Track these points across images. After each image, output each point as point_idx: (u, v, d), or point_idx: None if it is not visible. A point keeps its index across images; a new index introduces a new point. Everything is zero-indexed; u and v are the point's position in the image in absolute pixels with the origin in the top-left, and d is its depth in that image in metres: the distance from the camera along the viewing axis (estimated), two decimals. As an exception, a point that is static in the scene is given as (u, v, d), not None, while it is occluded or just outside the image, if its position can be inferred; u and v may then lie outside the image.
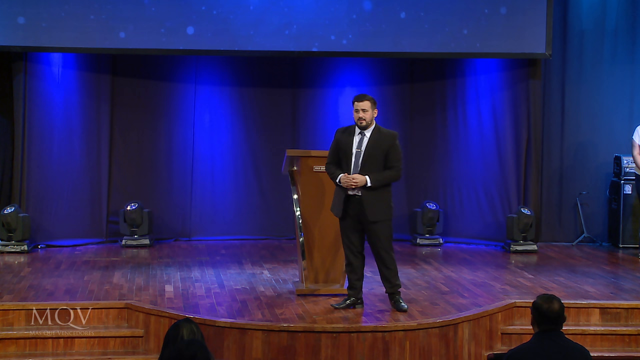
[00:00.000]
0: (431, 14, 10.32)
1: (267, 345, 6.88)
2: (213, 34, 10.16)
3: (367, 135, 7.34)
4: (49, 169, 10.52)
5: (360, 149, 7.31)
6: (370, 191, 7.25)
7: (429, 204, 10.84)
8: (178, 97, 11.06)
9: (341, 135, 7.43)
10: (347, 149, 7.34)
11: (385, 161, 7.29)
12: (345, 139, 7.38)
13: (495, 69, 10.96)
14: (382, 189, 7.30)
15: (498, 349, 7.43)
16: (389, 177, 7.31)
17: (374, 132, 7.35)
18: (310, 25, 10.26)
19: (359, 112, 7.33)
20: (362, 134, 7.35)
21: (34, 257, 9.77)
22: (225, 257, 10.00)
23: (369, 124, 7.36)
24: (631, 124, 10.65)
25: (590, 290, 8.34)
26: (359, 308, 7.49)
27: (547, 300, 5.05)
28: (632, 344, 7.62)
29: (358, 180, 7.22)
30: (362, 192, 7.26)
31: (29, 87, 10.34)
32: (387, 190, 7.35)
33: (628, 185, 10.72)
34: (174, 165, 11.09)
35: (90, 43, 10.06)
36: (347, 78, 11.21)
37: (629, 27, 11.08)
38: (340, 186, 7.33)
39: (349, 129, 7.44)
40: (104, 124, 10.81)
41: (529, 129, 10.80)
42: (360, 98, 7.38)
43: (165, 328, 6.97)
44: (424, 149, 11.29)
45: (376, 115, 7.41)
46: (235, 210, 11.18)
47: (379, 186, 7.27)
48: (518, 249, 10.42)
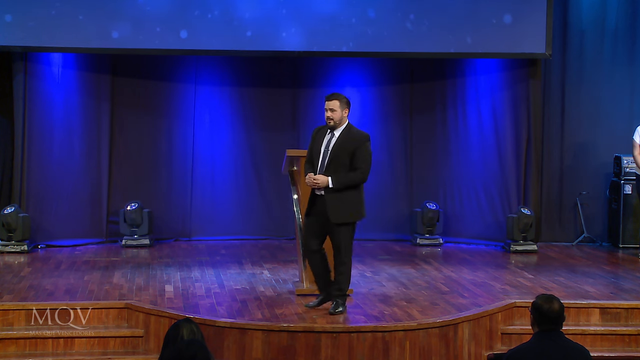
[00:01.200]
0: (432, 17, 10.32)
1: (267, 345, 6.88)
2: (213, 34, 10.16)
3: (335, 135, 7.24)
4: (49, 169, 10.52)
5: (327, 148, 7.22)
6: (333, 192, 7.14)
7: (429, 204, 10.84)
8: (178, 97, 11.06)
9: (315, 133, 7.37)
10: (317, 148, 7.28)
11: (351, 162, 7.17)
12: (318, 138, 7.32)
13: (495, 69, 10.96)
14: (347, 191, 7.14)
15: (498, 349, 7.43)
16: (353, 179, 7.14)
17: (344, 133, 7.24)
18: (310, 25, 10.26)
19: (327, 111, 7.24)
20: (332, 134, 7.26)
21: (34, 257, 9.78)
22: (225, 257, 10.00)
23: (338, 124, 7.23)
24: (631, 124, 10.64)
25: (590, 290, 8.34)
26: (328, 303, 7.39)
27: (547, 300, 5.05)
28: (632, 344, 7.62)
29: (320, 181, 7.12)
30: (326, 193, 7.17)
31: (29, 87, 10.34)
32: (354, 193, 7.18)
33: (628, 185, 10.72)
34: (174, 165, 11.09)
35: (88, 43, 10.07)
36: (347, 78, 11.21)
37: (629, 27, 11.08)
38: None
39: (323, 128, 7.34)
40: (104, 124, 10.81)
41: (529, 129, 10.80)
42: (329, 97, 7.28)
43: (165, 328, 6.97)
44: (424, 149, 11.29)
45: (347, 114, 7.26)
46: (235, 210, 11.18)
47: (342, 188, 7.12)
48: (518, 249, 10.42)
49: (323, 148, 7.25)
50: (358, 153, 7.15)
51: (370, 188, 10.69)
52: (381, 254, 10.22)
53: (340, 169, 7.15)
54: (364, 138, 7.23)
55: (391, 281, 8.70)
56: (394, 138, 11.28)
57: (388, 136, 11.27)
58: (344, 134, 7.23)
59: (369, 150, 7.21)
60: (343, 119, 7.26)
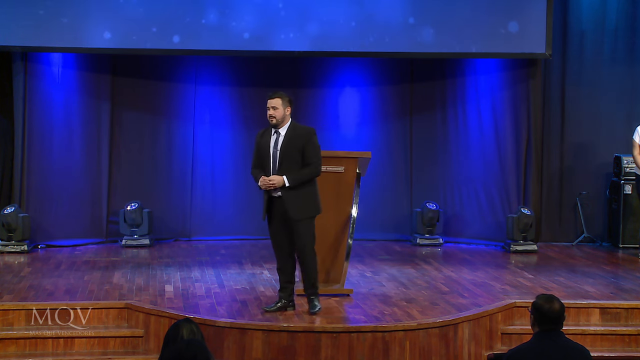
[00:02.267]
0: (432, 17, 10.32)
1: (267, 345, 6.88)
2: (213, 34, 10.17)
3: (282, 134, 7.21)
4: (49, 169, 10.52)
5: (276, 148, 7.19)
6: (290, 190, 7.14)
7: (429, 204, 10.84)
8: (178, 97, 11.06)
9: (260, 137, 7.30)
10: (265, 150, 7.23)
11: (303, 158, 7.16)
12: (264, 140, 7.26)
13: (495, 69, 10.96)
14: (303, 186, 7.16)
15: (498, 349, 7.43)
16: (308, 174, 7.15)
17: (289, 130, 7.21)
18: (311, 26, 10.26)
19: (269, 109, 7.19)
20: (277, 133, 7.22)
21: (34, 257, 9.77)
22: (225, 257, 10.00)
23: (281, 122, 7.20)
24: (631, 124, 10.64)
25: (590, 290, 8.34)
26: (290, 310, 7.36)
27: (547, 300, 5.05)
28: (632, 344, 7.62)
29: (275, 181, 7.11)
30: (283, 192, 7.16)
31: (29, 87, 10.35)
32: (309, 188, 7.21)
33: (628, 185, 10.71)
34: (174, 165, 11.09)
35: (88, 43, 10.08)
36: (347, 78, 11.21)
37: (629, 27, 11.08)
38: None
39: (267, 130, 7.30)
40: (104, 124, 10.81)
41: (529, 129, 10.80)
42: (270, 96, 7.23)
43: (165, 328, 6.97)
44: (424, 149, 11.29)
45: (289, 112, 7.22)
46: (235, 210, 11.18)
47: (298, 184, 7.13)
48: (518, 249, 10.42)
49: (272, 149, 7.20)
50: (307, 148, 7.15)
51: (371, 188, 10.74)
52: (381, 254, 10.22)
53: (292, 166, 7.14)
54: (310, 132, 7.22)
55: (391, 281, 8.70)
56: (394, 138, 11.28)
57: (388, 136, 11.27)
58: (290, 132, 7.20)
59: (317, 144, 7.21)
60: (286, 117, 7.22)
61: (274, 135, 7.23)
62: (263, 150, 7.25)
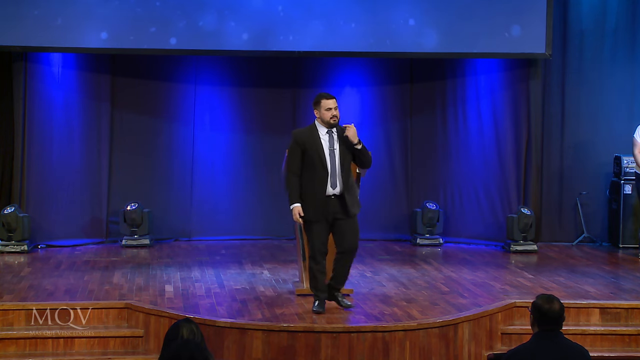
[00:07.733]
0: (432, 17, 10.32)
1: (267, 345, 6.88)
2: (212, 34, 10.17)
3: (335, 133, 7.28)
4: (49, 169, 10.52)
5: (334, 147, 7.22)
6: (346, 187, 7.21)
7: (429, 204, 10.84)
8: (178, 97, 11.06)
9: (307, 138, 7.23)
10: (319, 151, 7.21)
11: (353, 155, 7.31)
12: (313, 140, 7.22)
13: (496, 69, 10.96)
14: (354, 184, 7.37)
15: (498, 349, 7.43)
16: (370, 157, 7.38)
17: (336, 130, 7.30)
18: (310, 26, 10.27)
19: (333, 109, 7.21)
20: (330, 133, 7.27)
21: (34, 257, 9.78)
22: (225, 257, 10.00)
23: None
24: (631, 124, 10.63)
25: (590, 290, 8.34)
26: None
27: (547, 300, 5.05)
28: (632, 344, 7.62)
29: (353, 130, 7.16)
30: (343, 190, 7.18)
31: (29, 87, 10.34)
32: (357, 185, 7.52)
33: (628, 185, 10.71)
34: (174, 165, 11.09)
35: (87, 43, 10.08)
36: (347, 78, 11.21)
37: (629, 27, 11.07)
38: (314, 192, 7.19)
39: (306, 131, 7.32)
40: (104, 124, 10.81)
41: (529, 129, 10.80)
42: (332, 96, 7.29)
43: (165, 328, 6.97)
44: (424, 149, 11.29)
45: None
46: (235, 210, 11.18)
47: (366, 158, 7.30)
48: (518, 249, 10.42)
49: (327, 149, 7.22)
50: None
51: (370, 188, 10.73)
52: (381, 254, 10.22)
53: (349, 165, 7.26)
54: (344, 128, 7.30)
55: (391, 281, 8.70)
56: (394, 138, 11.28)
57: (388, 136, 11.27)
58: (338, 131, 7.29)
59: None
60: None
61: (326, 135, 7.25)
62: (317, 151, 7.21)
